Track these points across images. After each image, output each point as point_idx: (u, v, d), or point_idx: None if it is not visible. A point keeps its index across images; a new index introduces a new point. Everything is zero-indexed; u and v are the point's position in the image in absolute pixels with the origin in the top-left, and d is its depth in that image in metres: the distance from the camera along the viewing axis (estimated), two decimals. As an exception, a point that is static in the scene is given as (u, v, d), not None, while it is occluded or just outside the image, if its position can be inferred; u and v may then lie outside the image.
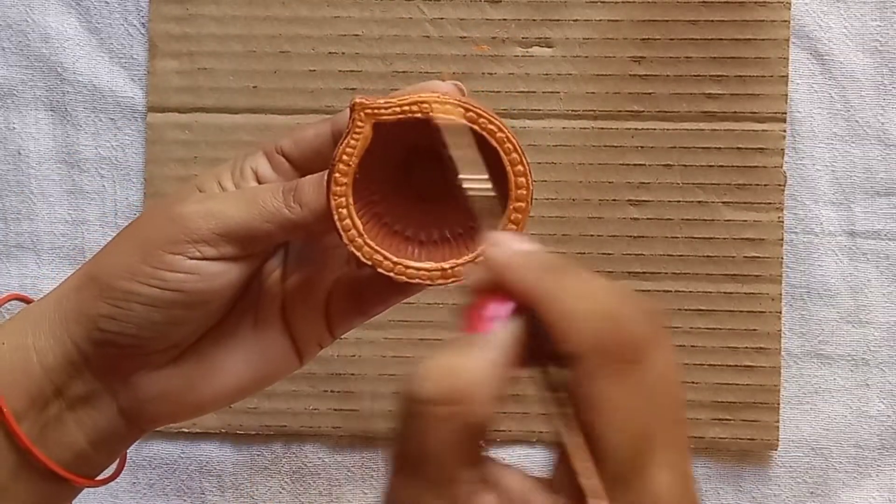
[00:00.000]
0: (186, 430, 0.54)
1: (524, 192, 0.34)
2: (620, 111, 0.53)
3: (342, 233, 0.34)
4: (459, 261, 0.35)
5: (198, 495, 0.54)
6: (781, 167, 0.53)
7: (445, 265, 0.35)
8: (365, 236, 0.34)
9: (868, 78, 0.53)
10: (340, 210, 0.34)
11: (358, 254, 0.34)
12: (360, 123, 0.34)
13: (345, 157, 0.34)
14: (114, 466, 0.39)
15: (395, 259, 0.34)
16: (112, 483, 0.54)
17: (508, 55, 0.53)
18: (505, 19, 0.53)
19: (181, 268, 0.34)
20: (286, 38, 0.54)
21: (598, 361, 0.25)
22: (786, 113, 0.53)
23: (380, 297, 0.37)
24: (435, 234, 0.36)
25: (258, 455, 0.54)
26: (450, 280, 0.34)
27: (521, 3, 0.53)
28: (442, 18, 0.53)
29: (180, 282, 0.34)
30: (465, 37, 0.53)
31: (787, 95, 0.52)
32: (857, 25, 0.53)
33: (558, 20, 0.53)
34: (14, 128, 0.55)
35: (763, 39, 0.52)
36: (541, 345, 0.26)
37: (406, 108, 0.34)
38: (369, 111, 0.34)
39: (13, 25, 0.55)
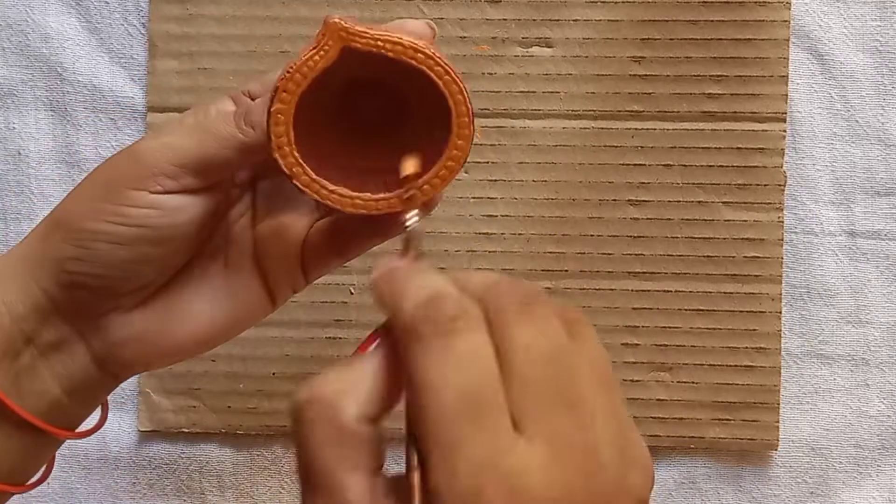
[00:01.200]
0: (186, 430, 0.54)
1: (465, 132, 0.33)
2: (620, 111, 0.53)
3: (273, 138, 0.33)
4: (386, 196, 0.34)
5: (198, 495, 0.54)
6: (781, 167, 0.53)
7: (360, 195, 0.34)
8: (294, 148, 0.33)
9: (868, 78, 0.53)
10: (279, 116, 0.33)
11: (281, 161, 0.33)
12: (329, 42, 0.32)
13: (305, 70, 0.32)
14: (94, 428, 0.39)
15: (313, 176, 0.33)
16: (112, 483, 0.54)
17: (508, 55, 0.53)
18: (505, 19, 0.53)
19: (144, 203, 0.34)
20: (286, 38, 0.54)
21: (411, 336, 0.26)
22: (786, 113, 0.53)
23: (357, 238, 0.37)
24: (363, 166, 0.35)
25: (258, 455, 0.54)
26: (359, 210, 0.34)
27: (521, 3, 0.53)
28: (442, 18, 0.53)
29: (144, 217, 0.34)
30: (465, 37, 0.53)
31: (787, 95, 0.52)
32: (857, 25, 0.53)
33: (558, 20, 0.53)
34: (14, 128, 0.55)
35: (763, 39, 0.52)
36: None
37: (381, 43, 0.33)
38: (343, 33, 0.32)
39: (13, 25, 0.55)
